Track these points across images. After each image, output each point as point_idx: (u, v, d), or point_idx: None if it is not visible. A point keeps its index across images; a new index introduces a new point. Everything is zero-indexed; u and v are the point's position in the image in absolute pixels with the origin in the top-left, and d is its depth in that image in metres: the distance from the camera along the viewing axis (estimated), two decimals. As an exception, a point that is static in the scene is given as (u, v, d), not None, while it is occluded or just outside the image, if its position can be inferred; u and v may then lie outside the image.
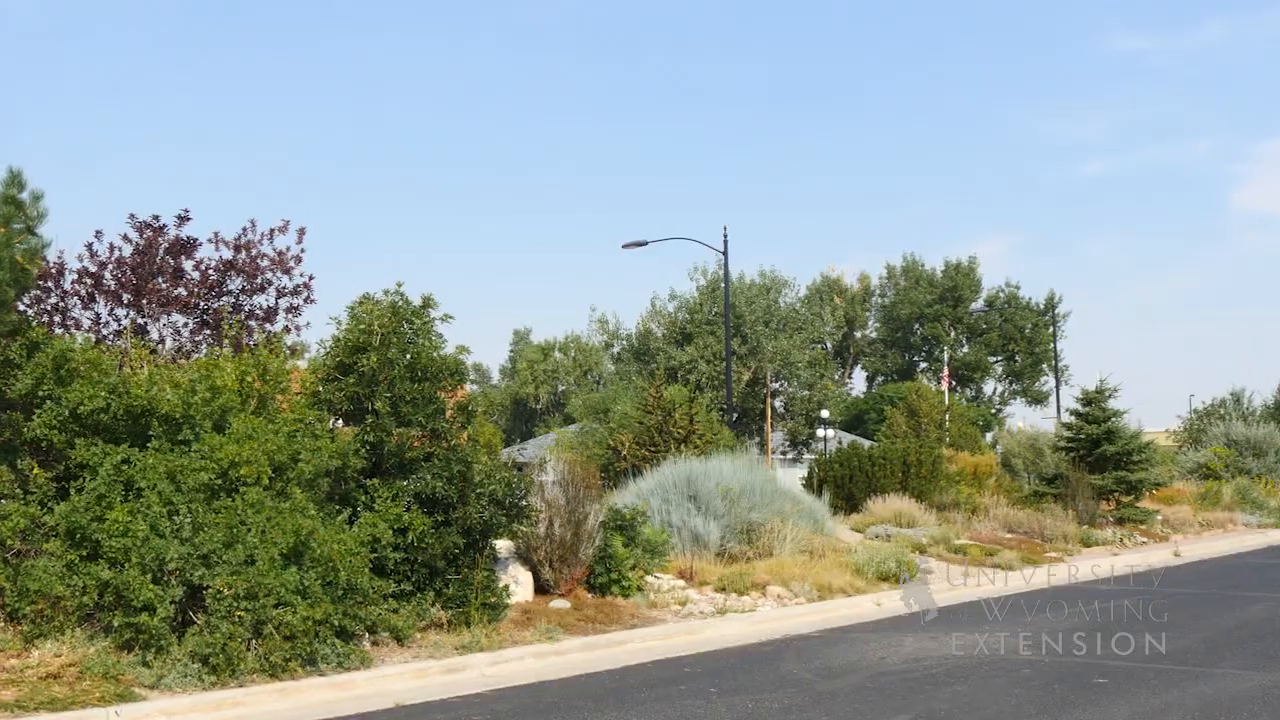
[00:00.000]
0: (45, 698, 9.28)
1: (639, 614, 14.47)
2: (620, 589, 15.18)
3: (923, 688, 10.48)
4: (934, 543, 22.27)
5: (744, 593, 16.03)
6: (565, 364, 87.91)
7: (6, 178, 11.27)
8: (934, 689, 10.41)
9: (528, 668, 11.73)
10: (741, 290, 58.33)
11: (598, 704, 9.94)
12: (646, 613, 14.64)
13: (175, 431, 12.02)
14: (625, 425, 29.89)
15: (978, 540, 23.61)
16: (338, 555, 11.14)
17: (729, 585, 16.23)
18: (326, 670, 10.65)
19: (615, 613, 14.23)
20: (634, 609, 14.64)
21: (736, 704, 9.82)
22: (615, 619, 13.98)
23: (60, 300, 17.62)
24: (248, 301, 18.67)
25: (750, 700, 9.97)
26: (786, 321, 59.33)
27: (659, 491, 19.64)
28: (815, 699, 10.05)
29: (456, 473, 13.23)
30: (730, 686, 10.64)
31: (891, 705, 9.74)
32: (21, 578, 10.80)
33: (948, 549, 22.09)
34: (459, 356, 14.15)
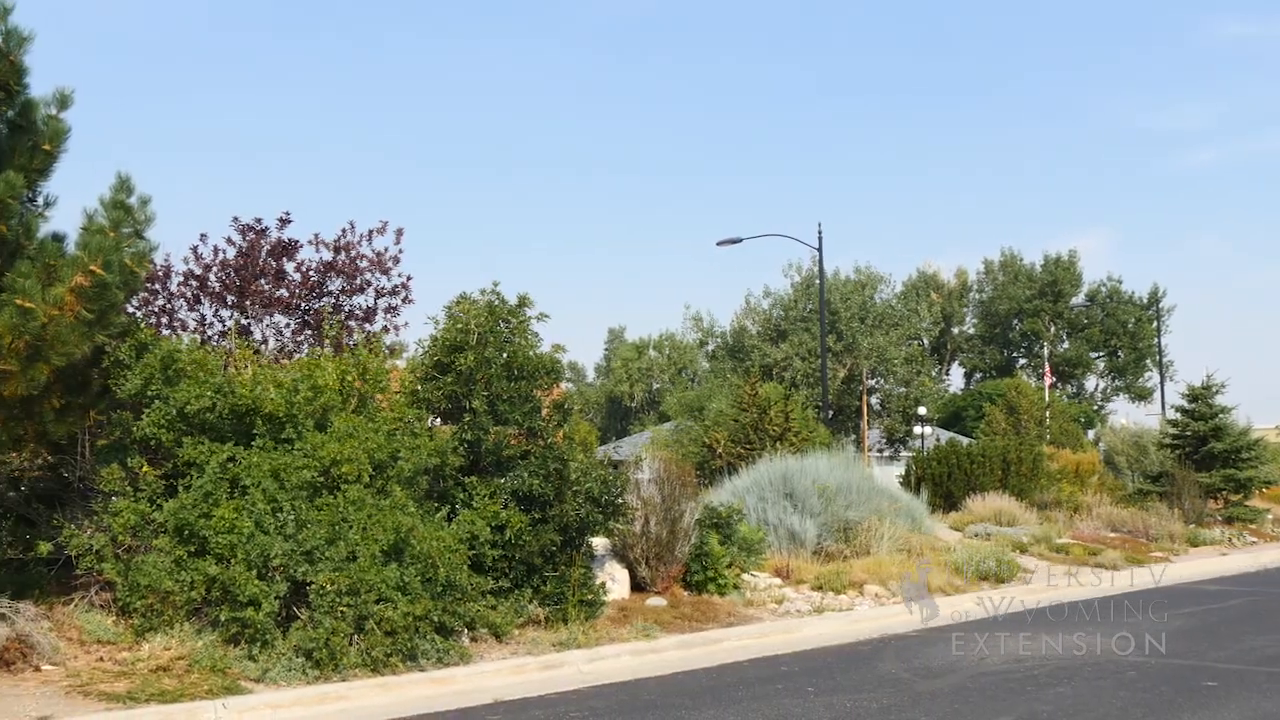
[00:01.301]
0: (155, 690, 9.52)
1: (735, 612, 14.44)
2: (716, 587, 15.16)
3: (1024, 689, 10.32)
4: (1035, 542, 21.94)
5: (841, 591, 15.93)
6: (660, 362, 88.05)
7: (115, 183, 11.50)
8: (1036, 690, 10.25)
9: (624, 665, 11.76)
10: (837, 287, 57.95)
11: (694, 702, 9.94)
12: (743, 611, 14.60)
13: (279, 430, 12.23)
14: (720, 423, 29.86)
15: (1080, 539, 23.21)
16: (437, 552, 11.27)
17: (826, 584, 16.14)
18: (426, 666, 10.78)
19: (711, 611, 14.22)
20: (730, 607, 14.61)
21: (835, 703, 9.76)
22: (711, 617, 13.97)
23: (167, 302, 18.01)
24: (347, 302, 18.93)
25: (848, 700, 9.90)
26: (882, 318, 58.79)
27: (754, 489, 19.59)
28: (914, 699, 9.94)
29: (553, 470, 13.31)
30: (828, 686, 10.57)
31: (993, 707, 9.61)
32: (132, 573, 11.07)
33: (1049, 548, 21.76)
34: (555, 355, 14.24)
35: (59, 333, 10.40)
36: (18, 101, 11.50)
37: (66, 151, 11.92)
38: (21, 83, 11.40)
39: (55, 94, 11.69)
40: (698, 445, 29.17)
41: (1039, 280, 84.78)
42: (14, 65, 11.18)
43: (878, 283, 61.29)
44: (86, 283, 10.51)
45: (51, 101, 11.71)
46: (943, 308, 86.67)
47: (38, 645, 10.17)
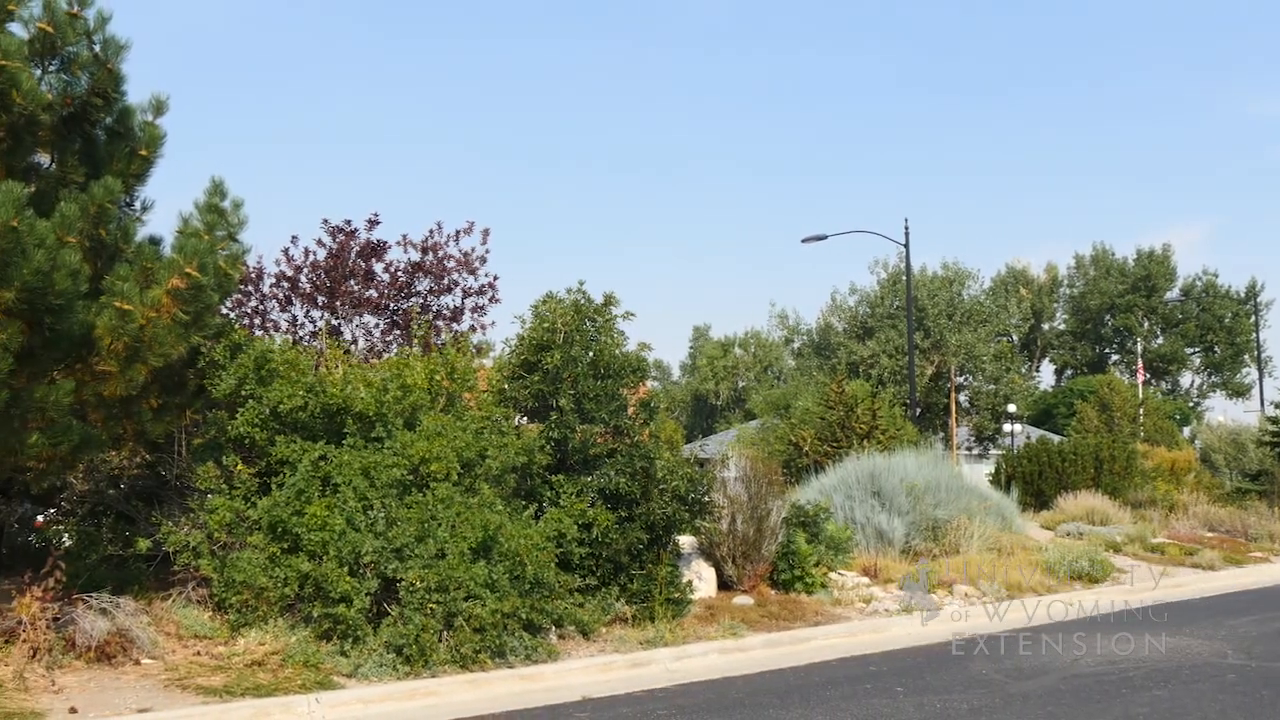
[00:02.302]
0: (251, 684, 9.69)
1: (823, 611, 14.36)
2: (804, 586, 15.09)
3: (1119, 691, 10.14)
4: (1129, 541, 21.55)
5: (930, 591, 15.77)
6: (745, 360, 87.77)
7: (209, 187, 11.71)
8: (1131, 693, 10.07)
9: (711, 663, 11.75)
10: (924, 283, 57.32)
11: (782, 701, 9.90)
12: (830, 610, 14.52)
13: (369, 429, 12.39)
14: (806, 421, 29.70)
15: (1175, 539, 22.75)
16: (525, 550, 11.34)
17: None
18: (515, 663, 10.85)
19: (799, 609, 14.15)
20: (818, 606, 14.54)
21: (925, 704, 9.66)
22: (799, 616, 13.91)
23: (260, 303, 18.33)
24: (435, 302, 19.11)
25: (939, 700, 9.80)
26: (971, 314, 58.03)
27: (841, 488, 19.47)
28: (1006, 700, 9.81)
29: (639, 469, 13.34)
30: (917, 686, 10.47)
31: (1087, 709, 9.45)
32: (228, 569, 11.28)
33: (1144, 547, 21.37)
34: (640, 353, 14.27)
35: (156, 334, 10.62)
36: (116, 108, 11.77)
37: (162, 156, 12.19)
38: (119, 90, 11.66)
39: (151, 100, 11.94)
40: (784, 443, 29.04)
41: (1132, 275, 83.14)
42: (112, 73, 11.43)
43: (966, 278, 60.46)
44: (182, 285, 10.72)
45: (148, 108, 11.97)
46: (1032, 303, 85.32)
47: (137, 639, 10.41)
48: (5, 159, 10.97)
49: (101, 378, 10.66)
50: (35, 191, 10.05)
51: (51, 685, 9.45)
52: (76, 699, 9.15)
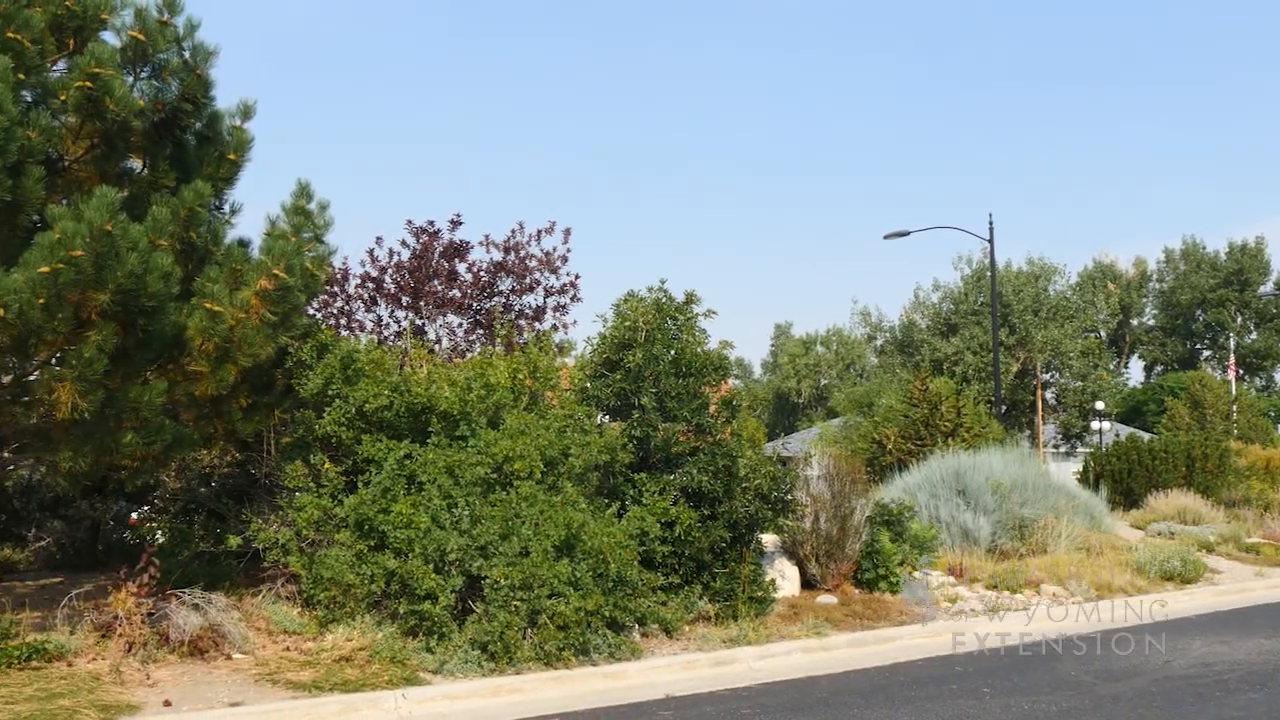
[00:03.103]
0: (339, 679, 9.82)
1: (907, 610, 14.24)
2: (888, 585, 14.97)
3: (1213, 694, 9.92)
4: (1222, 541, 21.08)
5: (1016, 590, 15.57)
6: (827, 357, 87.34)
7: (295, 189, 11.90)
8: (1225, 696, 9.85)
9: (795, 662, 11.70)
10: (1008, 279, 56.52)
11: (867, 700, 9.82)
12: (915, 609, 14.39)
13: (453, 427, 12.49)
14: (890, 419, 29.47)
15: (1271, 539, 22.22)
16: (608, 548, 11.37)
17: (1001, 583, 15.79)
18: (598, 660, 10.88)
19: (883, 609, 14.05)
20: (902, 605, 14.41)
21: (1012, 705, 9.53)
22: (883, 615, 13.80)
23: (345, 304, 18.56)
24: (517, 301, 19.23)
25: (1026, 702, 9.66)
26: (1057, 310, 57.09)
27: (926, 486, 19.29)
28: (1096, 703, 9.65)
29: (722, 467, 13.32)
30: (1004, 687, 10.34)
31: (1179, 712, 9.26)
32: (316, 566, 11.44)
33: (1238, 548, 20.89)
34: (722, 352, 14.24)
35: (245, 335, 10.80)
36: (205, 113, 12.00)
37: (250, 160, 12.40)
38: (208, 95, 11.88)
39: (239, 105, 12.16)
40: (867, 441, 28.85)
41: (1224, 269, 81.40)
42: (201, 79, 11.65)
43: (1051, 274, 59.50)
44: (270, 286, 10.89)
45: (235, 112, 12.19)
46: (1120, 299, 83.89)
47: (229, 634, 10.59)
48: (99, 165, 11.24)
49: (193, 378, 10.87)
50: (128, 196, 10.28)
51: (146, 679, 9.65)
52: (170, 692, 9.34)
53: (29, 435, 10.82)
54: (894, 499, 17.02)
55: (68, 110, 10.64)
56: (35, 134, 9.95)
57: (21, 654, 9.74)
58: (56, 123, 10.60)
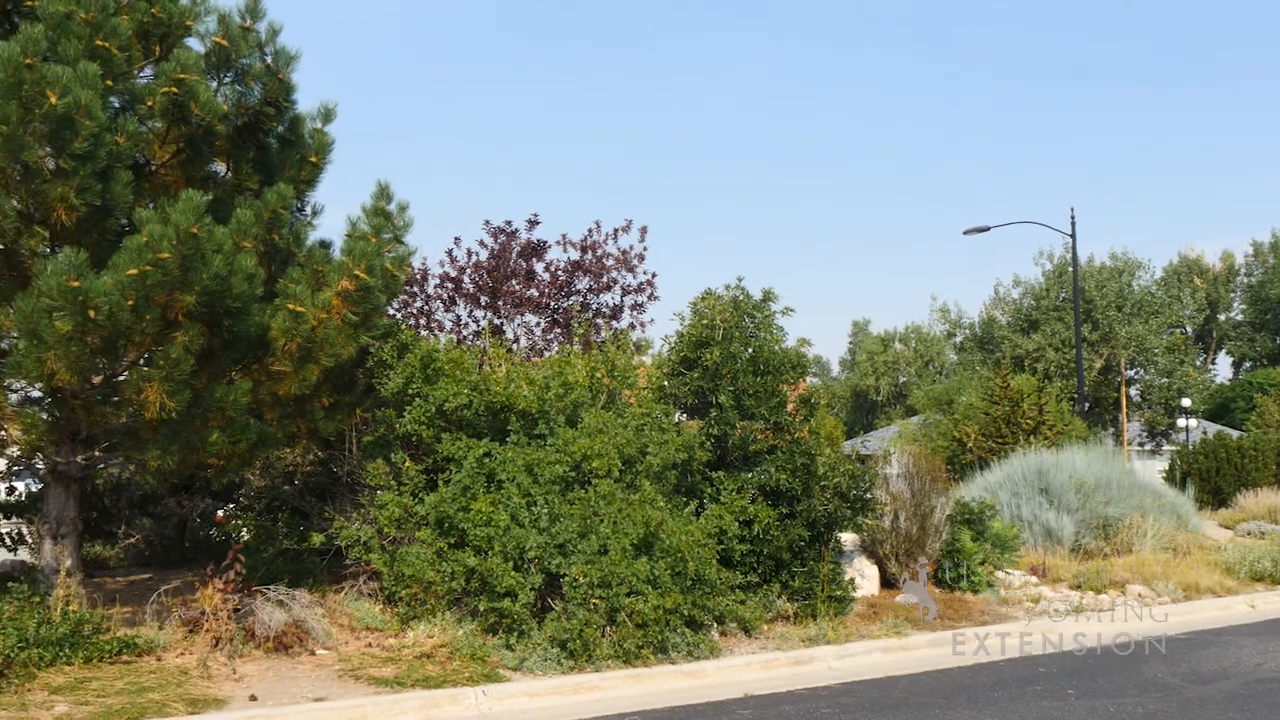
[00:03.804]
0: (420, 675, 9.92)
1: (989, 610, 14.07)
2: (969, 584, 14.81)
3: (1306, 697, 9.71)
4: (1315, 540, 20.60)
5: (1101, 591, 15.32)
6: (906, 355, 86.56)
7: (375, 191, 12.03)
8: (1319, 698, 9.63)
9: (875, 662, 11.61)
10: (1091, 274, 55.69)
11: (948, 701, 9.72)
12: (997, 609, 14.22)
13: (531, 426, 12.56)
14: (970, 416, 29.18)
15: (1366, 538, 21.67)
16: (686, 546, 11.36)
17: (1084, 583, 15.55)
18: (677, 659, 10.87)
19: (964, 608, 13.90)
20: (983, 605, 14.25)
21: (1097, 707, 9.39)
22: (964, 615, 13.65)
23: (425, 304, 18.76)
24: (594, 300, 19.31)
25: (1111, 704, 9.51)
26: (1141, 305, 56.13)
27: (1007, 484, 19.05)
28: (1183, 706, 9.47)
29: (800, 465, 13.26)
30: (1089, 689, 10.18)
31: (1271, 716, 9.05)
32: (397, 563, 11.56)
33: (1331, 547, 20.39)
34: (800, 349, 14.18)
35: (327, 335, 10.95)
36: (287, 117, 12.18)
37: (330, 162, 12.57)
38: (290, 99, 12.06)
39: (320, 108, 12.33)
40: (947, 439, 28.59)
41: (1314, 262, 79.47)
42: (283, 83, 11.83)
43: (1135, 269, 58.50)
44: (351, 287, 11.03)
45: (316, 115, 12.36)
46: (1207, 293, 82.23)
47: (312, 630, 10.74)
48: (185, 169, 11.45)
49: (276, 378, 11.03)
50: (213, 199, 10.45)
51: (233, 673, 9.81)
52: (256, 687, 9.48)
53: (119, 434, 11.05)
54: (975, 497, 16.84)
55: (154, 116, 10.87)
56: (123, 139, 10.17)
57: (113, 648, 9.96)
58: (143, 128, 10.82)
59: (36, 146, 9.52)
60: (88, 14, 10.08)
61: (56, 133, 9.49)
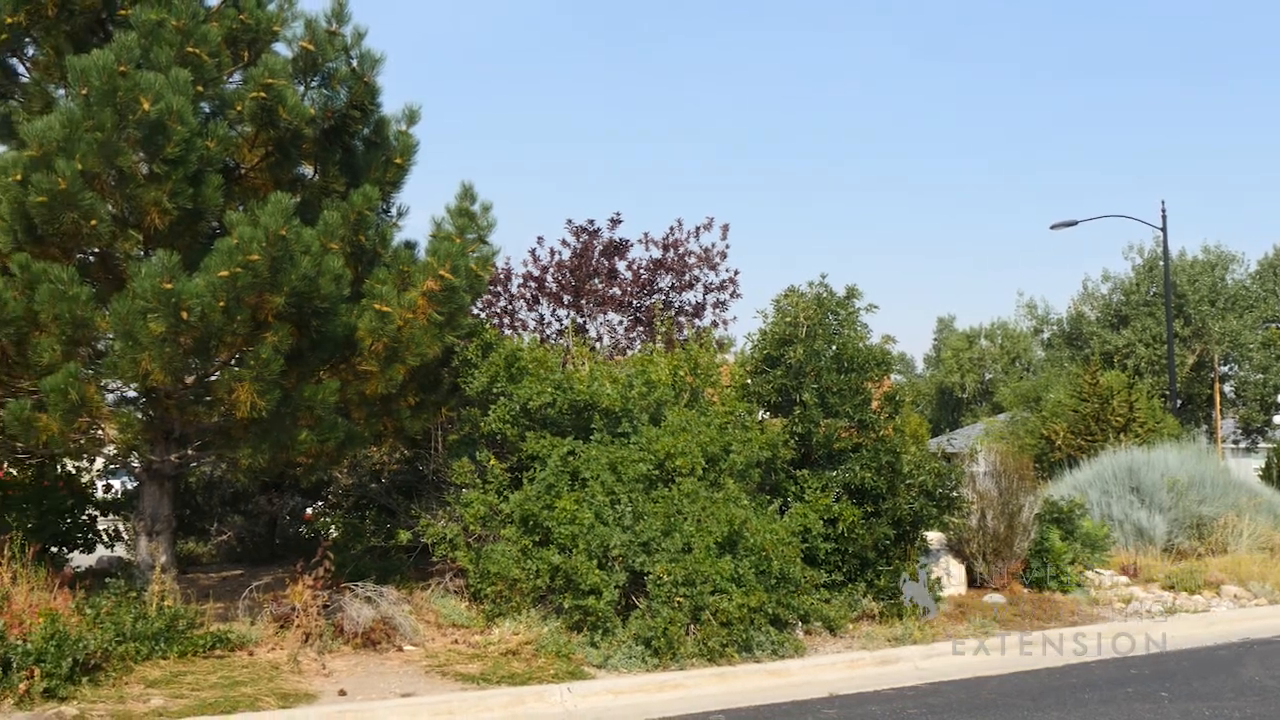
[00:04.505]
0: (505, 672, 9.99)
1: (1079, 611, 13.87)
2: (1058, 584, 14.61)
3: None
4: None
5: (1195, 591, 15.03)
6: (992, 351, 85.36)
7: (459, 191, 12.15)
8: None
9: (962, 662, 11.49)
10: (1183, 268, 54.59)
11: (1036, 703, 9.58)
12: (1087, 610, 14.00)
13: (615, 424, 12.59)
14: (1058, 414, 28.72)
15: None
16: (770, 545, 11.33)
17: (1178, 583, 15.26)
18: (761, 657, 10.84)
19: (1053, 609, 13.71)
20: (1073, 605, 14.04)
21: (1191, 710, 9.20)
22: (1053, 615, 13.46)
23: (508, 303, 18.88)
24: (677, 298, 19.31)
25: (1206, 708, 9.30)
26: (1235, 300, 54.88)
27: (1097, 483, 18.75)
28: (1282, 709, 9.25)
29: (885, 463, 13.16)
30: (1183, 691, 9.98)
31: (1373, 719, 8.83)
32: (483, 561, 11.65)
33: None
34: (884, 346, 14.09)
35: (413, 334, 11.07)
36: (372, 119, 12.33)
37: (415, 164, 12.70)
38: (375, 102, 12.21)
39: (404, 110, 12.47)
40: (1034, 437, 28.16)
41: None
42: (368, 86, 11.98)
43: (1229, 262, 57.21)
44: (436, 287, 11.14)
45: (401, 117, 12.50)
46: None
47: (400, 627, 10.86)
48: (273, 171, 11.64)
49: (363, 377, 11.17)
50: (300, 201, 10.61)
51: (322, 669, 9.96)
52: (345, 682, 9.62)
53: (211, 433, 11.26)
54: (1063, 496, 16.59)
55: (243, 120, 11.06)
56: (214, 144, 10.36)
57: (206, 643, 10.15)
58: (233, 132, 11.02)
59: (130, 152, 9.74)
60: (179, 21, 10.30)
61: (150, 138, 9.70)
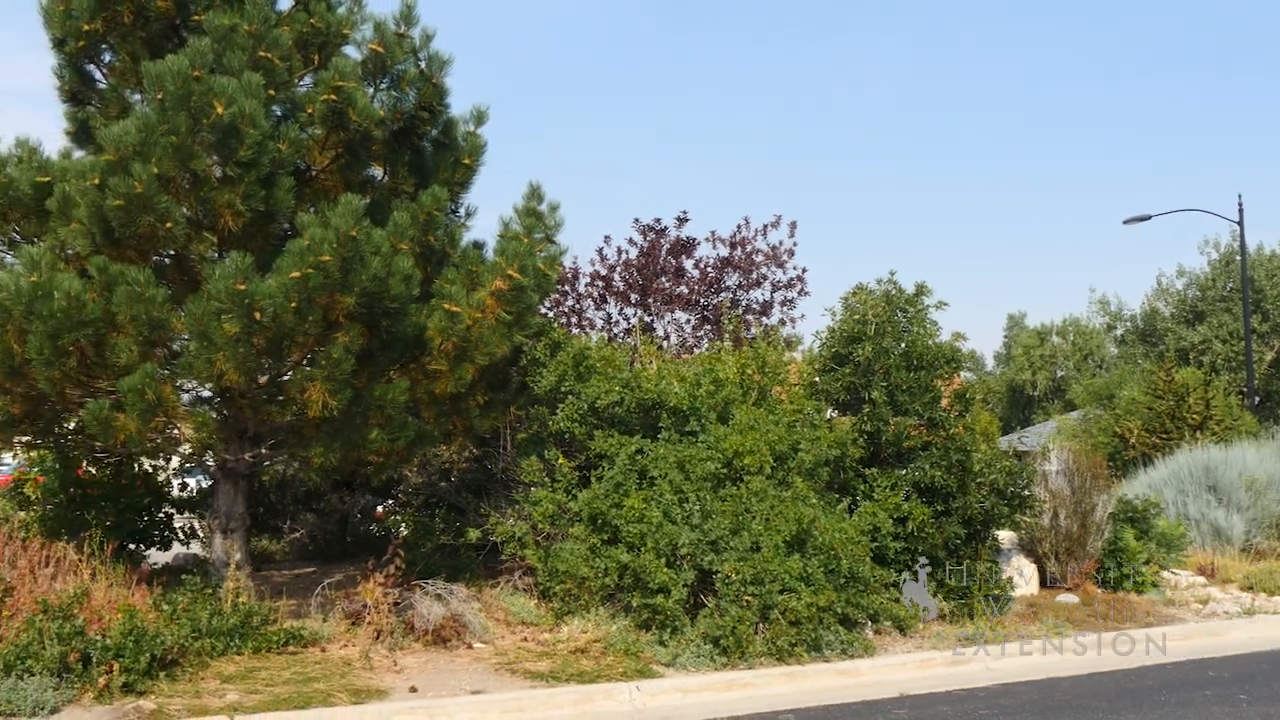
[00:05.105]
0: (574, 670, 10.02)
1: (1154, 612, 13.66)
2: (1133, 584, 14.39)
3: None
4: None
5: (1274, 593, 14.73)
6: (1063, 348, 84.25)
7: (527, 191, 12.20)
8: None
9: (1034, 663, 11.36)
10: (1260, 262, 53.52)
11: (1112, 705, 9.45)
12: (1163, 610, 13.79)
13: (683, 423, 12.59)
14: (1132, 411, 28.29)
15: None
16: (839, 543, 11.28)
17: (1257, 584, 14.98)
18: (831, 657, 10.80)
19: (1128, 609, 13.51)
20: (1148, 606, 13.83)
21: (1272, 714, 9.02)
22: (1128, 616, 13.27)
23: (576, 302, 18.93)
24: (744, 296, 19.26)
25: (1287, 710, 9.14)
26: (1314, 295, 53.77)
27: (1173, 482, 18.45)
28: (1366, 712, 9.05)
29: (955, 462, 13.05)
30: (1264, 694, 9.79)
31: None
32: (551, 559, 11.70)
33: None
34: (954, 344, 13.96)
35: (482, 334, 11.13)
36: (440, 120, 12.41)
37: (483, 164, 12.78)
38: (443, 103, 12.29)
39: (472, 111, 12.55)
40: (1108, 435, 27.75)
41: None
42: (436, 87, 12.06)
43: (1309, 255, 56.06)
44: (505, 287, 11.20)
45: (469, 118, 12.58)
46: (1388, 281, 78.34)
47: (469, 624, 10.94)
48: (343, 173, 11.77)
49: (433, 376, 11.26)
50: (370, 202, 10.71)
51: (393, 665, 10.05)
52: (416, 679, 9.70)
53: (283, 432, 11.41)
54: (1138, 495, 16.34)
55: (314, 123, 11.19)
56: (285, 146, 10.49)
57: (279, 639, 10.29)
58: (304, 135, 11.16)
59: (204, 155, 9.89)
60: (251, 26, 10.44)
61: (223, 141, 9.84)
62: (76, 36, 11.41)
